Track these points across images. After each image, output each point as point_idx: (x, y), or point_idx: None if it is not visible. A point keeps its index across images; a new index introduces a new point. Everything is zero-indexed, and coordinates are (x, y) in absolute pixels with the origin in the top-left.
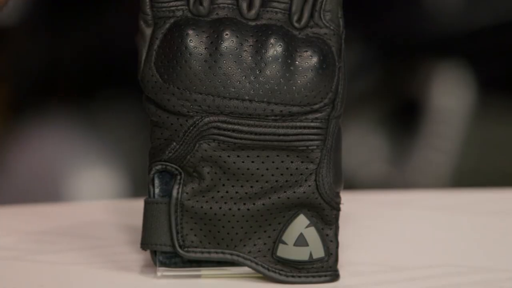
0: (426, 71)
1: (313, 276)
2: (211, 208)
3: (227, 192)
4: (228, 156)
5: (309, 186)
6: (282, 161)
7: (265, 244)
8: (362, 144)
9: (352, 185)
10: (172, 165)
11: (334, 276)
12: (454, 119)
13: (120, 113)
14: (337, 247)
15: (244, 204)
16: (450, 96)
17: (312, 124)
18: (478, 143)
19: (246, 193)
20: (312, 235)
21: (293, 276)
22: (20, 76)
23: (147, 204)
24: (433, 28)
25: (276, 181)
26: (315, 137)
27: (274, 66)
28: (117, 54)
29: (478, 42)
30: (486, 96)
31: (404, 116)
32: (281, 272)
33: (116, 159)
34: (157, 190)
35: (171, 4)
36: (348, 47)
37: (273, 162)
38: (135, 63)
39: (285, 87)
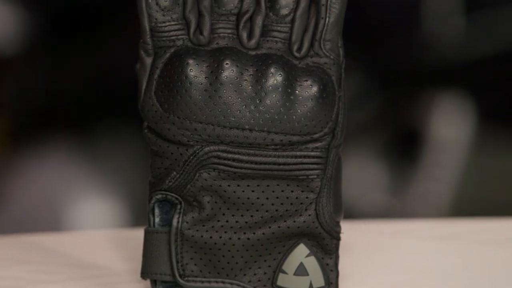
0: (426, 101)
1: None
2: (211, 237)
3: (227, 221)
4: (228, 186)
5: (309, 215)
6: (282, 191)
7: (265, 273)
8: (362, 173)
9: (352, 215)
10: (172, 194)
11: None
12: (454, 149)
13: (120, 142)
14: (337, 276)
15: (244, 233)
16: (450, 126)
17: (312, 153)
18: (478, 173)
19: (246, 222)
20: (312, 264)
21: None
22: (19, 106)
23: (147, 234)
24: (433, 58)
25: (276, 210)
26: (315, 166)
27: (274, 96)
28: (117, 83)
29: (478, 72)
30: (486, 126)
31: (404, 146)
32: None
33: (116, 189)
34: (157, 220)
35: (171, 33)
36: (348, 76)
37: (273, 191)
38: (135, 93)
39: (285, 117)
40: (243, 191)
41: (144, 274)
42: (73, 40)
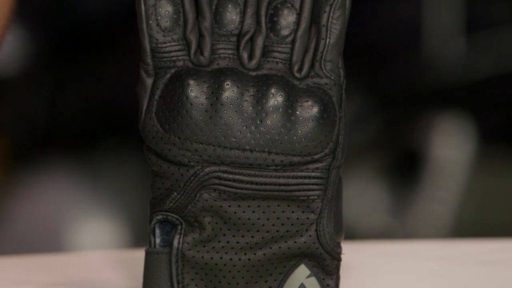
0: (426, 122)
1: None
2: (212, 258)
3: (228, 242)
4: (229, 206)
5: (310, 236)
6: (283, 211)
7: None
8: (363, 194)
9: (353, 236)
10: (173, 215)
11: None
12: (454, 170)
13: (121, 163)
14: None
15: (245, 254)
16: (450, 147)
17: (313, 174)
18: (478, 194)
19: (247, 243)
20: (313, 285)
21: None
22: (20, 126)
23: (148, 254)
24: (433, 79)
25: (277, 231)
26: (316, 187)
27: (275, 116)
28: (117, 104)
29: (479, 93)
30: (486, 147)
31: (405, 167)
32: None
33: (117, 210)
34: (158, 240)
35: (172, 54)
36: (349, 97)
37: (274, 212)
38: (136, 113)
39: (286, 137)
40: (243, 212)
41: None
42: (73, 62)
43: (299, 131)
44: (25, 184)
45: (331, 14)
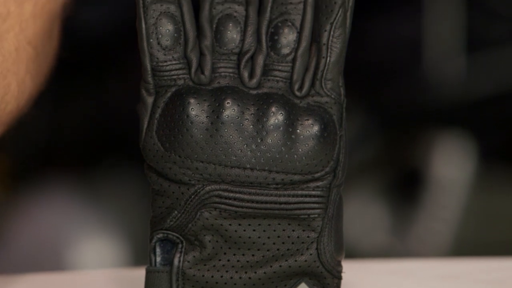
0: (427, 141)
1: None
2: (212, 276)
3: (228, 260)
4: (230, 225)
5: (311, 254)
6: (284, 230)
7: None
8: (363, 213)
9: (354, 254)
10: (174, 233)
11: None
12: (455, 189)
13: (121, 182)
14: None
15: (246, 272)
16: (451, 166)
17: (313, 192)
18: (479, 213)
19: (247, 261)
20: None
21: None
22: (21, 145)
23: (148, 273)
24: (434, 98)
25: (278, 249)
26: (317, 205)
27: (275, 135)
28: (118, 123)
29: (479, 113)
30: (487, 166)
31: (405, 186)
32: None
33: (118, 228)
34: (158, 259)
35: (172, 73)
36: (349, 117)
37: (274, 230)
38: (136, 132)
39: (286, 156)
40: (244, 230)
41: None
42: (74, 80)
43: (300, 150)
44: (26, 202)
45: (332, 32)
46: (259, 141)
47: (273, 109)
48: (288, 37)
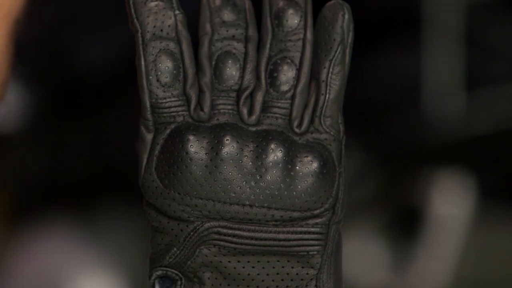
0: (426, 179)
1: None
2: None
3: None
4: (229, 262)
5: None
6: (283, 266)
7: None
8: (362, 250)
9: None
10: (173, 270)
11: None
12: (454, 227)
13: (120, 219)
14: None
15: None
16: (450, 203)
17: (312, 229)
18: (478, 250)
19: None
20: None
21: None
22: (19, 183)
23: None
24: (433, 135)
25: (277, 286)
26: (316, 242)
27: (274, 172)
28: (117, 160)
29: (479, 150)
30: (486, 203)
31: (405, 223)
32: None
33: (117, 265)
34: None
35: (171, 109)
36: (349, 154)
37: (273, 267)
38: (136, 170)
39: (285, 192)
40: (243, 267)
41: None
42: (73, 119)
43: (299, 187)
44: (25, 241)
45: (331, 69)
46: (258, 178)
47: (272, 146)
48: (287, 74)
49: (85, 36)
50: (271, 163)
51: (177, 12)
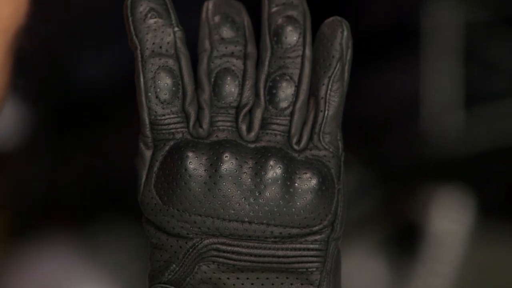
0: (425, 195)
1: None
2: None
3: None
4: (228, 278)
5: None
6: (282, 283)
7: None
8: (362, 267)
9: None
10: (172, 287)
11: None
12: (453, 243)
13: (120, 236)
14: None
15: None
16: (449, 220)
17: (311, 246)
18: (477, 267)
19: None
20: None
21: None
22: (19, 200)
23: None
24: (432, 152)
25: None
26: (315, 259)
27: (273, 188)
28: (116, 177)
29: (478, 166)
30: (485, 220)
31: (404, 240)
32: None
33: (116, 282)
34: None
35: (171, 126)
36: (348, 170)
37: (272, 284)
38: (135, 186)
39: (284, 209)
40: (242, 284)
41: None
42: (72, 135)
43: (298, 203)
44: (24, 257)
45: (330, 86)
46: (257, 194)
47: (271, 162)
48: (286, 91)
49: (85, 52)
50: (270, 180)
51: (176, 29)
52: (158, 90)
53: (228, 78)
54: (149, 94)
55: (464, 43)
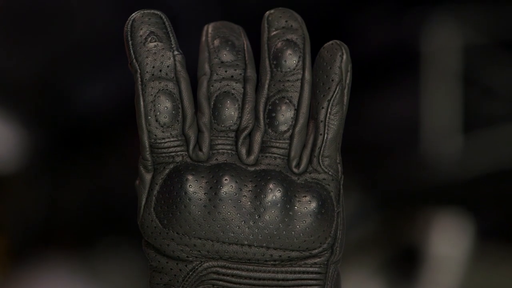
0: (424, 219)
1: None
2: None
3: None
4: None
5: None
6: None
7: None
8: None
9: None
10: None
11: None
12: (451, 267)
13: (120, 260)
14: None
15: None
16: (448, 243)
17: (311, 269)
18: None
19: None
20: None
21: None
22: (19, 224)
23: None
24: (431, 176)
25: None
26: (314, 282)
27: (273, 211)
28: (116, 200)
29: (476, 191)
30: (483, 244)
31: (403, 264)
32: None
33: None
34: None
35: (170, 149)
36: (347, 194)
37: None
38: (135, 210)
39: (284, 232)
40: None
41: None
42: (72, 160)
43: (297, 226)
44: (24, 282)
45: (329, 109)
46: (257, 217)
47: (271, 185)
48: (285, 114)
49: (84, 77)
50: (269, 203)
51: (176, 52)
52: (158, 113)
53: (228, 101)
54: (149, 117)
55: (462, 68)
